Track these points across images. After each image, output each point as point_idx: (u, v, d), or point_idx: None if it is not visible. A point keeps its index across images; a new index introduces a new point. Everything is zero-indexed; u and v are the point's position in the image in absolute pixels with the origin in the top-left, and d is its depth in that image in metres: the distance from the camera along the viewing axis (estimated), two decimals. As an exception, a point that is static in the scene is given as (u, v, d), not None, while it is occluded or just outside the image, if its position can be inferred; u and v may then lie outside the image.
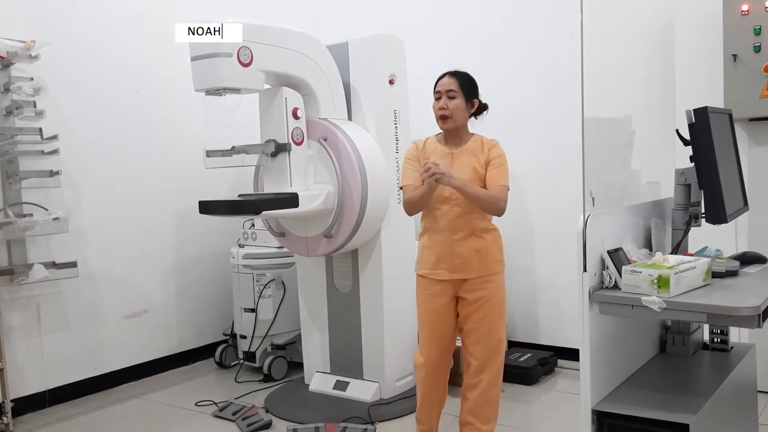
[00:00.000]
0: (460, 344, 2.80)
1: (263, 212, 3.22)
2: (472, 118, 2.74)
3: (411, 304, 2.98)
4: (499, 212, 2.60)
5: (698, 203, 2.40)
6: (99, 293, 4.10)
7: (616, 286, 2.06)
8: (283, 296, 4.24)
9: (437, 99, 2.66)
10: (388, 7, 4.74)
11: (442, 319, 2.71)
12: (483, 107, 2.75)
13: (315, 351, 3.91)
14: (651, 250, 2.41)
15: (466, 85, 2.66)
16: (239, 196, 3.60)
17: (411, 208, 2.69)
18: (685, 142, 2.37)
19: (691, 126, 2.31)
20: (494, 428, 2.77)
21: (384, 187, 3.51)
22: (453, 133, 2.70)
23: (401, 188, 2.74)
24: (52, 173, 3.73)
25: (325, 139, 3.43)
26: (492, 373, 2.70)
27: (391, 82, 3.64)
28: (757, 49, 3.34)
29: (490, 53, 4.37)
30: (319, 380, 3.85)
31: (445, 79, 2.67)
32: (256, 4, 4.80)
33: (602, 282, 2.09)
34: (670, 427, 1.92)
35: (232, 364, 4.46)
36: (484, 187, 2.62)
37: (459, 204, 2.61)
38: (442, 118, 2.65)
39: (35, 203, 3.68)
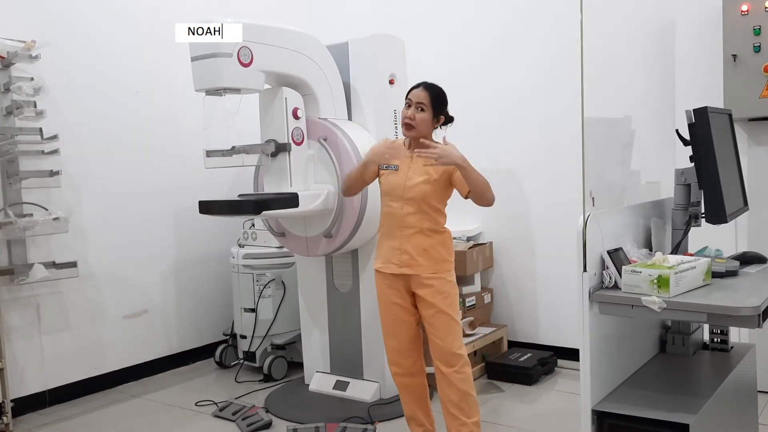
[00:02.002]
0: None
1: (263, 212, 3.22)
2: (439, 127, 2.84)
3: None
4: (492, 201, 2.68)
5: (698, 203, 2.40)
6: (99, 293, 4.10)
7: (616, 286, 2.06)
8: (283, 296, 4.24)
9: (407, 106, 2.77)
10: (388, 7, 4.74)
11: (399, 310, 2.85)
12: (449, 120, 2.83)
13: (315, 351, 3.91)
14: (651, 250, 2.41)
15: (436, 100, 2.77)
16: (239, 196, 3.60)
17: (346, 187, 2.99)
18: (685, 142, 2.37)
19: (690, 126, 2.31)
20: (479, 422, 2.83)
21: (384, 187, 3.51)
22: (417, 140, 2.79)
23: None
24: (52, 173, 3.73)
25: (325, 139, 3.43)
26: (460, 365, 2.78)
27: (391, 82, 3.64)
28: (757, 49, 3.34)
29: (490, 53, 4.38)
30: (319, 380, 3.85)
31: (419, 91, 2.77)
32: (256, 4, 4.80)
33: (602, 282, 2.09)
34: (670, 427, 1.92)
35: (232, 364, 4.46)
36: (439, 193, 2.75)
37: (410, 204, 2.74)
38: (406, 126, 2.77)
39: (35, 203, 3.68)
